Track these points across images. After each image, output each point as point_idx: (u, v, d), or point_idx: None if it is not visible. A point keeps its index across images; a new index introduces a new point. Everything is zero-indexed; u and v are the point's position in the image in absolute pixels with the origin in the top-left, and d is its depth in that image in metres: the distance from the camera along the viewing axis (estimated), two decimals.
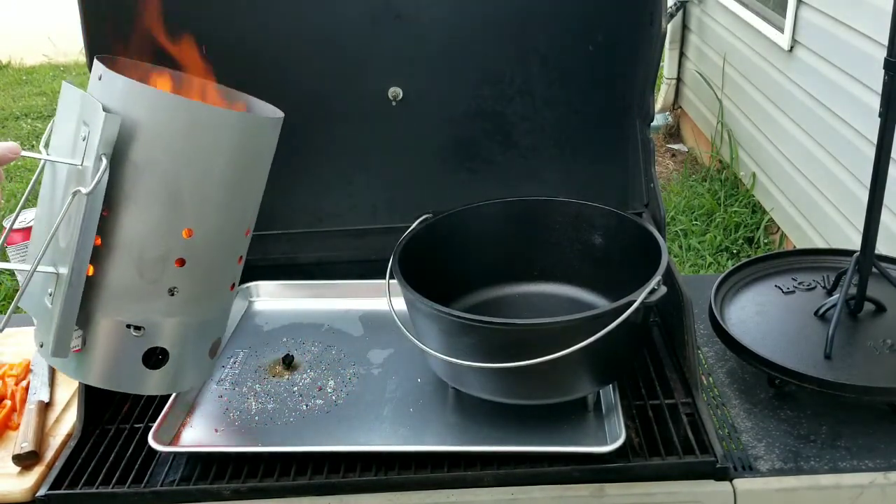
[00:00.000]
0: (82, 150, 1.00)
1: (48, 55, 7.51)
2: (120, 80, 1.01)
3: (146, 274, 1.05)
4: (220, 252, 1.11)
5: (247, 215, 1.15)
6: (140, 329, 1.07)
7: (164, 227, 1.04)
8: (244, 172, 1.10)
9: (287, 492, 1.16)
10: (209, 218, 1.07)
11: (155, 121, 1.01)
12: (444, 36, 1.57)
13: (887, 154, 1.29)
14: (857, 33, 3.06)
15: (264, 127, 1.11)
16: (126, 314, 1.06)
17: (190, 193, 1.05)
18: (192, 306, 1.10)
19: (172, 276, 1.06)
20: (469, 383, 1.26)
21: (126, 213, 1.03)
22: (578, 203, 1.45)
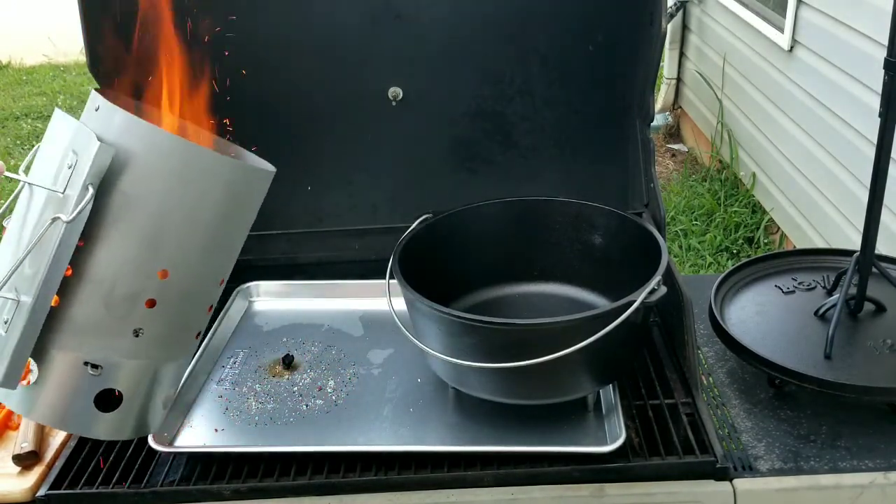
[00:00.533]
0: (66, 177, 0.97)
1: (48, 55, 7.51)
2: (118, 112, 0.99)
3: (114, 311, 1.01)
4: (193, 298, 1.07)
5: (224, 264, 1.11)
6: (98, 368, 1.02)
7: (141, 264, 1.01)
8: (229, 221, 1.07)
9: (287, 492, 1.16)
10: (187, 262, 1.04)
11: (149, 157, 0.99)
12: (444, 36, 1.57)
13: (887, 154, 1.29)
14: (857, 33, 3.06)
15: (256, 178, 1.08)
16: (86, 350, 1.01)
17: (172, 234, 1.02)
18: (154, 350, 1.05)
19: (140, 317, 1.02)
20: (469, 383, 1.26)
21: (103, 245, 0.99)
22: (578, 203, 1.45)
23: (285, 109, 1.61)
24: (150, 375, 1.07)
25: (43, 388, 1.02)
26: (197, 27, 1.35)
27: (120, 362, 1.04)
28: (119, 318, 1.02)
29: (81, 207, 0.94)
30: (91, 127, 0.98)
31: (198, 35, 1.32)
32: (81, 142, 0.97)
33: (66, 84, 7.00)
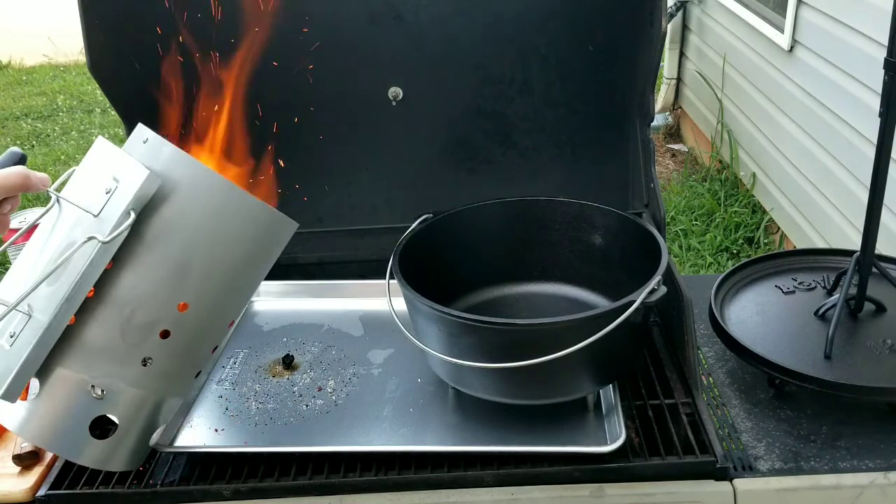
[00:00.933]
0: (102, 202, 1.00)
1: (48, 55, 7.51)
2: (168, 146, 1.03)
3: (129, 336, 1.02)
4: (204, 335, 1.10)
5: (238, 307, 1.14)
6: (101, 392, 1.03)
7: (165, 294, 1.03)
8: (251, 264, 1.11)
9: (287, 492, 1.16)
10: (208, 298, 1.07)
11: (191, 191, 1.02)
12: (444, 36, 1.57)
13: (887, 154, 1.29)
14: (857, 33, 3.06)
15: (282, 227, 1.12)
16: (93, 373, 1.02)
17: (199, 269, 1.05)
18: (158, 382, 1.07)
19: (152, 346, 1.04)
20: (469, 383, 1.26)
21: (132, 270, 1.02)
22: (579, 203, 1.45)
23: (285, 109, 1.61)
24: (149, 408, 1.08)
25: (40, 405, 1.01)
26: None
27: (123, 390, 1.04)
28: (132, 344, 1.03)
29: (121, 230, 0.97)
30: (136, 157, 1.01)
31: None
32: (125, 169, 1.00)
33: (66, 84, 7.00)
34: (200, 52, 1.34)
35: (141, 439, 1.11)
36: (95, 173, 1.05)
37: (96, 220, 1.00)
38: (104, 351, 1.03)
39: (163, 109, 1.29)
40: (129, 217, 0.98)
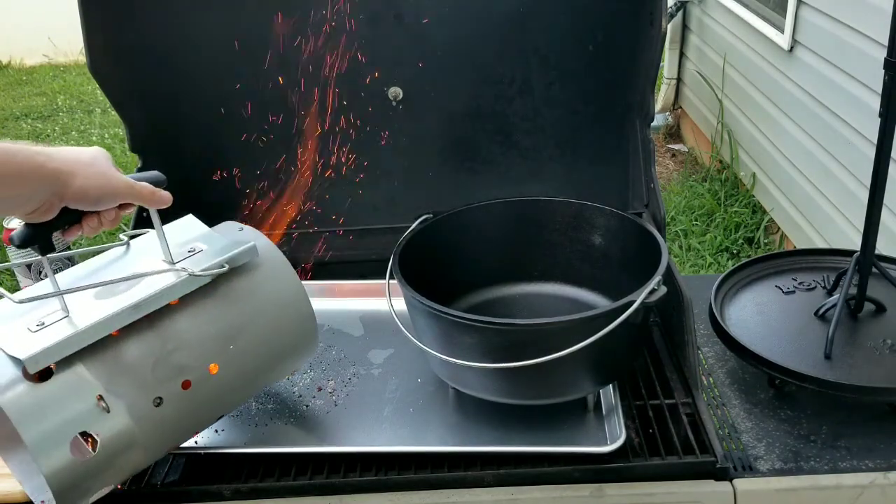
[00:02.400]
0: (182, 255, 1.12)
1: (48, 55, 7.51)
2: (262, 238, 1.20)
3: (158, 370, 1.06)
4: (213, 404, 1.15)
5: (248, 393, 1.23)
6: (106, 406, 1.02)
7: (206, 349, 1.11)
8: (278, 362, 1.22)
9: (287, 492, 1.16)
10: (235, 371, 1.14)
11: (268, 279, 1.16)
12: (444, 36, 1.57)
13: (887, 154, 1.29)
14: (857, 33, 3.06)
15: (313, 331, 1.25)
16: (109, 386, 1.03)
17: (243, 343, 1.14)
18: (153, 429, 1.07)
19: (171, 390, 1.07)
20: (469, 383, 1.26)
21: (191, 315, 1.10)
22: (578, 203, 1.45)
23: (285, 109, 1.61)
24: (130, 449, 1.05)
25: (43, 391, 1.01)
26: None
27: (124, 417, 1.03)
28: (157, 378, 1.06)
29: (214, 271, 1.09)
30: (228, 235, 1.18)
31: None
32: (213, 240, 1.15)
33: (66, 84, 7.00)
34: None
35: (98, 479, 1.04)
36: (179, 236, 1.17)
37: (171, 265, 1.10)
38: (130, 371, 1.05)
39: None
40: (223, 267, 1.10)
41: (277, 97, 1.59)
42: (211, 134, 1.64)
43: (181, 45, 1.56)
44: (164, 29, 1.54)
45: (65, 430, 1.00)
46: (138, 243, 1.19)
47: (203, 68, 1.58)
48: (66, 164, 0.99)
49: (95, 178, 1.01)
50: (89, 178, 1.01)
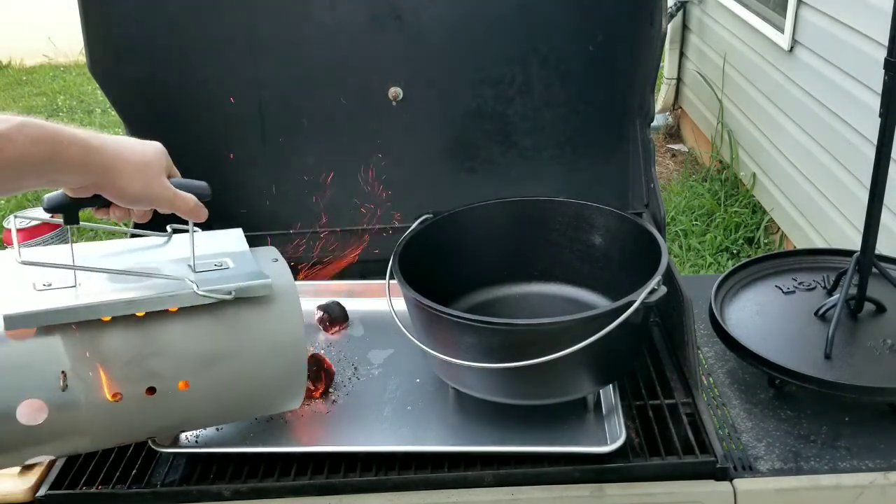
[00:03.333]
0: (208, 266, 1.14)
1: (48, 55, 7.51)
2: (288, 276, 1.18)
3: (130, 368, 1.07)
4: (176, 417, 1.14)
5: (216, 420, 1.22)
6: (64, 385, 1.04)
7: (184, 364, 1.10)
8: (250, 405, 1.19)
9: (287, 492, 1.16)
10: (206, 396, 1.13)
11: (271, 319, 1.14)
12: (444, 36, 1.57)
13: (887, 154, 1.29)
14: (857, 33, 3.06)
15: (289, 402, 1.22)
16: (77, 365, 1.04)
17: (221, 370, 1.13)
18: (103, 421, 1.08)
19: (133, 391, 1.08)
20: (469, 383, 1.25)
21: (183, 327, 1.09)
22: (578, 203, 1.45)
23: (285, 109, 1.61)
24: (74, 432, 1.06)
25: (12, 345, 1.03)
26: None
27: (78, 400, 1.04)
28: (125, 375, 1.07)
29: (216, 296, 1.08)
30: (260, 262, 1.18)
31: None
32: (245, 262, 1.16)
33: (66, 84, 7.00)
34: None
35: (35, 448, 1.06)
36: (211, 244, 1.19)
37: (194, 273, 1.11)
38: (105, 360, 1.06)
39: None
40: (229, 294, 1.08)
41: (278, 97, 1.59)
42: (212, 134, 1.64)
43: (181, 44, 1.56)
44: (164, 29, 1.54)
45: (16, 390, 1.02)
46: (179, 239, 1.19)
47: (204, 68, 1.58)
48: (116, 161, 1.00)
49: (139, 181, 1.02)
50: (133, 180, 1.02)
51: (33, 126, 0.91)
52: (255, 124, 1.61)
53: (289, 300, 1.16)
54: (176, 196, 1.07)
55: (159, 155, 1.07)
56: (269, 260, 1.21)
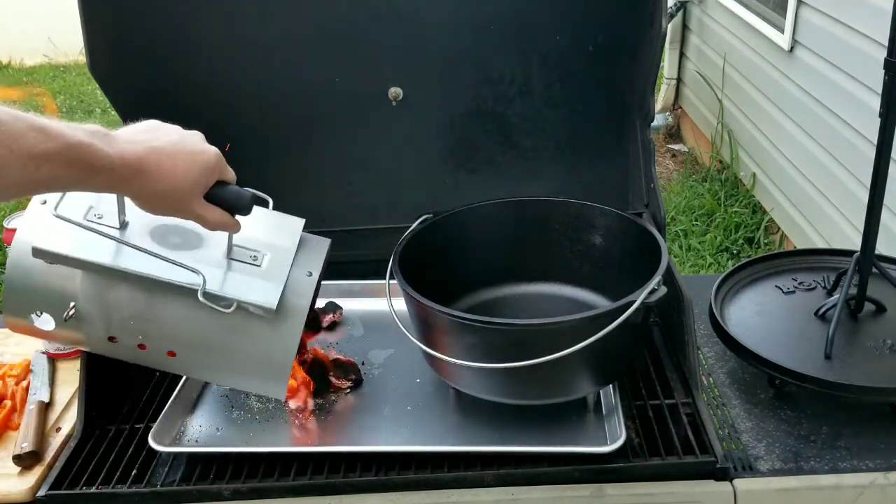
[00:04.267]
0: (241, 254, 1.16)
1: (48, 55, 7.51)
2: (307, 298, 1.17)
3: (130, 323, 1.15)
4: (164, 368, 1.22)
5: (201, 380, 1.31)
6: (71, 314, 1.13)
7: (176, 340, 1.16)
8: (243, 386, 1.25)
9: (287, 492, 1.16)
10: (190, 367, 1.21)
11: (269, 335, 1.16)
12: (444, 36, 1.57)
13: (887, 154, 1.29)
14: (857, 33, 3.06)
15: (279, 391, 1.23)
16: (88, 302, 1.13)
17: (208, 360, 1.19)
18: (97, 347, 1.19)
19: (128, 341, 1.17)
20: (469, 383, 1.25)
21: (185, 307, 1.12)
22: (579, 203, 1.45)
23: (286, 109, 1.61)
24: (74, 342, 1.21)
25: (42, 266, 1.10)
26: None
27: (79, 327, 1.15)
28: (123, 326, 1.15)
29: (216, 307, 1.10)
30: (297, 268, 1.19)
31: None
32: (281, 267, 1.17)
33: (66, 84, 6.99)
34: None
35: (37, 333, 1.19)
36: (265, 233, 1.20)
37: (226, 259, 1.14)
38: (110, 308, 1.13)
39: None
40: (227, 308, 1.10)
41: (278, 97, 1.59)
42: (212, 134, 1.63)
43: (181, 44, 1.56)
44: (164, 29, 1.54)
45: (32, 300, 1.13)
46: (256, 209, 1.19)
47: (204, 68, 1.58)
48: (143, 192, 0.99)
49: (166, 191, 1.01)
50: (158, 206, 1.02)
51: (75, 149, 0.90)
52: (255, 125, 1.61)
53: (292, 322, 1.15)
54: (204, 216, 1.06)
55: (203, 173, 1.04)
56: (304, 271, 1.18)
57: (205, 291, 1.09)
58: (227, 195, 1.08)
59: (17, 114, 0.88)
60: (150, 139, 1.00)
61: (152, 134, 1.02)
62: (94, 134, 0.93)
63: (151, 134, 1.02)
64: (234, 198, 1.08)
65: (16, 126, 0.86)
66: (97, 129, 0.95)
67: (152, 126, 1.05)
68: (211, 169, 1.05)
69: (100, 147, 0.93)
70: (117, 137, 0.97)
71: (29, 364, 1.48)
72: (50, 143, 0.88)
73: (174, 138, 1.03)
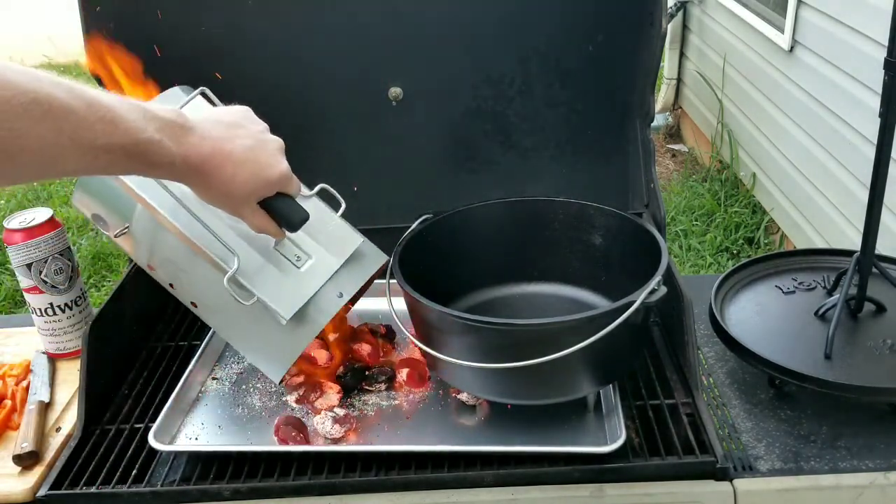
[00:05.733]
0: (287, 249, 1.18)
1: (48, 55, 7.51)
2: (330, 314, 1.20)
3: (167, 263, 1.23)
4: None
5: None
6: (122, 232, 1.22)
7: (200, 295, 1.24)
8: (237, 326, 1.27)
9: (287, 492, 1.16)
10: (208, 317, 1.27)
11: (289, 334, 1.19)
12: (444, 36, 1.57)
13: (887, 154, 1.29)
14: (857, 33, 3.06)
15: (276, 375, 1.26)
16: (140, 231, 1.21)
17: (223, 323, 1.27)
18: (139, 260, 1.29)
19: (162, 276, 1.26)
20: (469, 383, 1.25)
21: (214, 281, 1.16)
22: (579, 203, 1.45)
23: (285, 109, 1.60)
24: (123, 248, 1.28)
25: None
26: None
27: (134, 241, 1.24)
28: (160, 264, 1.24)
29: (237, 298, 1.14)
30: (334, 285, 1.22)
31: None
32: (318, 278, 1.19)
33: None
34: None
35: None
36: (326, 235, 1.22)
37: (271, 249, 1.17)
38: (154, 246, 1.22)
39: None
40: (246, 301, 1.14)
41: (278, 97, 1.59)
42: None
43: (180, 44, 1.56)
44: (163, 28, 1.54)
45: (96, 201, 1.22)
46: (317, 199, 1.23)
47: (202, 69, 1.58)
48: (208, 167, 0.97)
49: (219, 195, 1.01)
50: (212, 191, 1.01)
51: (141, 145, 0.88)
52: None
53: (303, 333, 1.18)
54: (246, 220, 1.07)
55: (261, 187, 1.03)
56: (336, 291, 1.19)
57: (232, 277, 1.11)
58: (280, 209, 1.08)
59: (93, 101, 0.84)
60: (224, 138, 0.98)
61: (231, 132, 1.00)
62: (169, 127, 0.91)
63: (230, 132, 1.00)
64: (286, 214, 1.09)
65: (85, 116, 0.83)
66: (173, 122, 0.92)
67: (236, 121, 1.03)
68: (272, 185, 1.05)
69: (167, 145, 0.91)
70: (193, 130, 0.95)
71: (29, 364, 1.48)
72: (116, 137, 0.85)
73: (248, 144, 1.01)
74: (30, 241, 1.41)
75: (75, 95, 0.83)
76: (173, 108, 0.95)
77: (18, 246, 1.41)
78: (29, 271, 1.43)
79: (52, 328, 1.48)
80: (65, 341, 1.50)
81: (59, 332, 1.49)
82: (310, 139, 1.64)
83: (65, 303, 1.47)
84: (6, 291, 3.90)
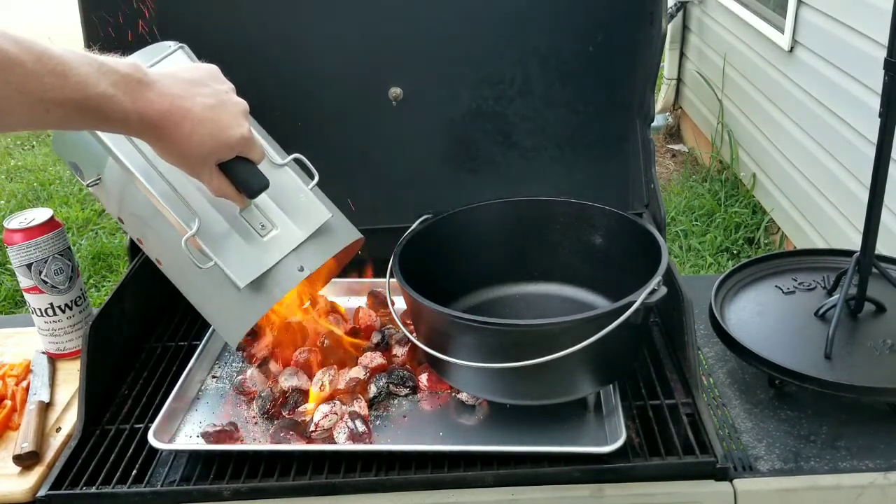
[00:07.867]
0: (252, 215, 1.17)
1: None
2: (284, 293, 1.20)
3: (135, 218, 1.24)
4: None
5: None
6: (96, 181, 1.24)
7: (165, 254, 1.25)
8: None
9: (287, 492, 1.16)
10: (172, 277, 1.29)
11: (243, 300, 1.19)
12: (444, 36, 1.57)
13: (887, 154, 1.29)
14: (857, 33, 3.06)
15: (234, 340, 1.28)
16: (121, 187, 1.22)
17: (184, 284, 1.28)
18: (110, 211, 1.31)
19: (131, 230, 1.28)
20: (469, 383, 1.26)
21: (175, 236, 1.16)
22: (579, 203, 1.45)
23: (285, 109, 1.61)
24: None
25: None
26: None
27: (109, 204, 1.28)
28: (134, 219, 1.25)
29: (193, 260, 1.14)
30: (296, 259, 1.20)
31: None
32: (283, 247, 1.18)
33: None
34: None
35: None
36: (298, 205, 1.20)
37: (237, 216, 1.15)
38: (123, 198, 1.23)
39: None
40: (200, 265, 1.13)
41: (278, 97, 1.59)
42: None
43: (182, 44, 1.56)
44: (162, 29, 1.54)
45: (72, 150, 1.24)
46: (291, 171, 1.21)
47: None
48: (165, 123, 0.95)
49: (174, 153, 0.99)
50: (168, 150, 0.99)
51: (93, 100, 0.87)
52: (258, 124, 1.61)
53: (257, 304, 1.16)
54: (205, 182, 1.06)
55: (217, 149, 1.01)
56: (298, 265, 1.17)
57: (190, 239, 1.10)
58: (238, 174, 1.06)
59: (43, 54, 0.83)
60: (184, 95, 0.96)
61: (193, 89, 0.98)
62: (125, 81, 0.90)
63: (192, 89, 0.98)
64: (244, 179, 1.07)
65: (34, 69, 0.82)
66: (130, 76, 0.91)
67: (200, 78, 1.01)
68: (229, 147, 1.02)
69: (121, 100, 0.89)
70: (151, 86, 0.93)
71: (29, 364, 1.48)
72: (66, 91, 0.84)
73: (209, 103, 0.99)
74: (30, 242, 1.41)
75: (24, 48, 0.82)
76: (132, 62, 0.93)
77: (18, 246, 1.41)
78: (29, 271, 1.43)
79: (52, 328, 1.48)
80: (65, 341, 1.50)
81: (59, 333, 1.49)
82: (310, 139, 1.63)
83: (65, 303, 1.47)
84: (6, 291, 3.90)
